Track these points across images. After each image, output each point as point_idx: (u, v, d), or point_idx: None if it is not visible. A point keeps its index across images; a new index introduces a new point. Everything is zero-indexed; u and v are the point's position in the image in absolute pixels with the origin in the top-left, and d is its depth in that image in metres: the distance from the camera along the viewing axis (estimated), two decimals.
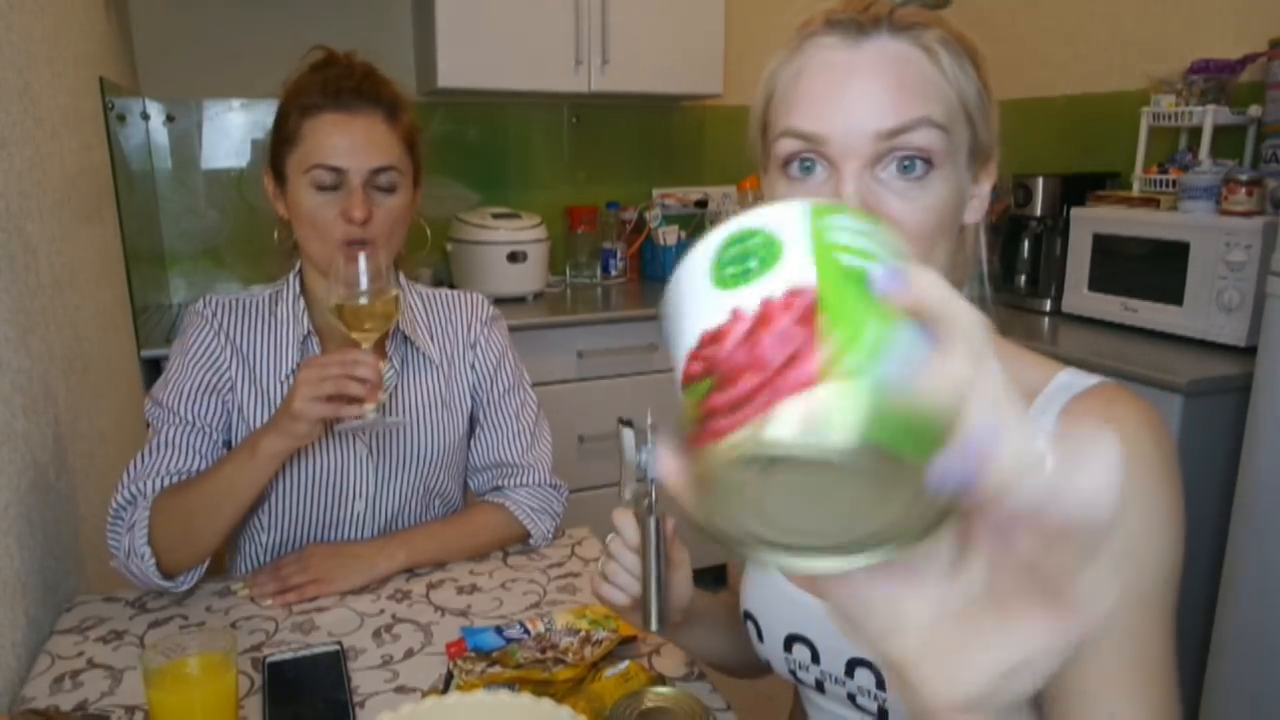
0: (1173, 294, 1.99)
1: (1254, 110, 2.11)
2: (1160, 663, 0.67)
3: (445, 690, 0.88)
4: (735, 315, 0.31)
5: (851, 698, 0.78)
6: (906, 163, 0.63)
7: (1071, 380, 0.69)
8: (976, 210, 0.71)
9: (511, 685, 0.84)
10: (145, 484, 1.05)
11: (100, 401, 1.48)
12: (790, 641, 0.81)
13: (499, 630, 0.95)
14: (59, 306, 1.28)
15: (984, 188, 0.71)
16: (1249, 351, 1.77)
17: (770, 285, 0.31)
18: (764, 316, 0.30)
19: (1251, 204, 1.88)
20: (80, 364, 1.37)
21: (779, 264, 0.32)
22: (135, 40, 2.42)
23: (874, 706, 0.77)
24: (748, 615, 0.85)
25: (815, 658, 0.80)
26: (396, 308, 1.05)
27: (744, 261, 0.32)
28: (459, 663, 0.89)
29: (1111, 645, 0.66)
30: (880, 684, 0.75)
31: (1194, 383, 1.72)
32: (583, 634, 0.93)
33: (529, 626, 0.96)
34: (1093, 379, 0.68)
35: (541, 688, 0.83)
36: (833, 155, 0.63)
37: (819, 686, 0.81)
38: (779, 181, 0.67)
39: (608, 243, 2.95)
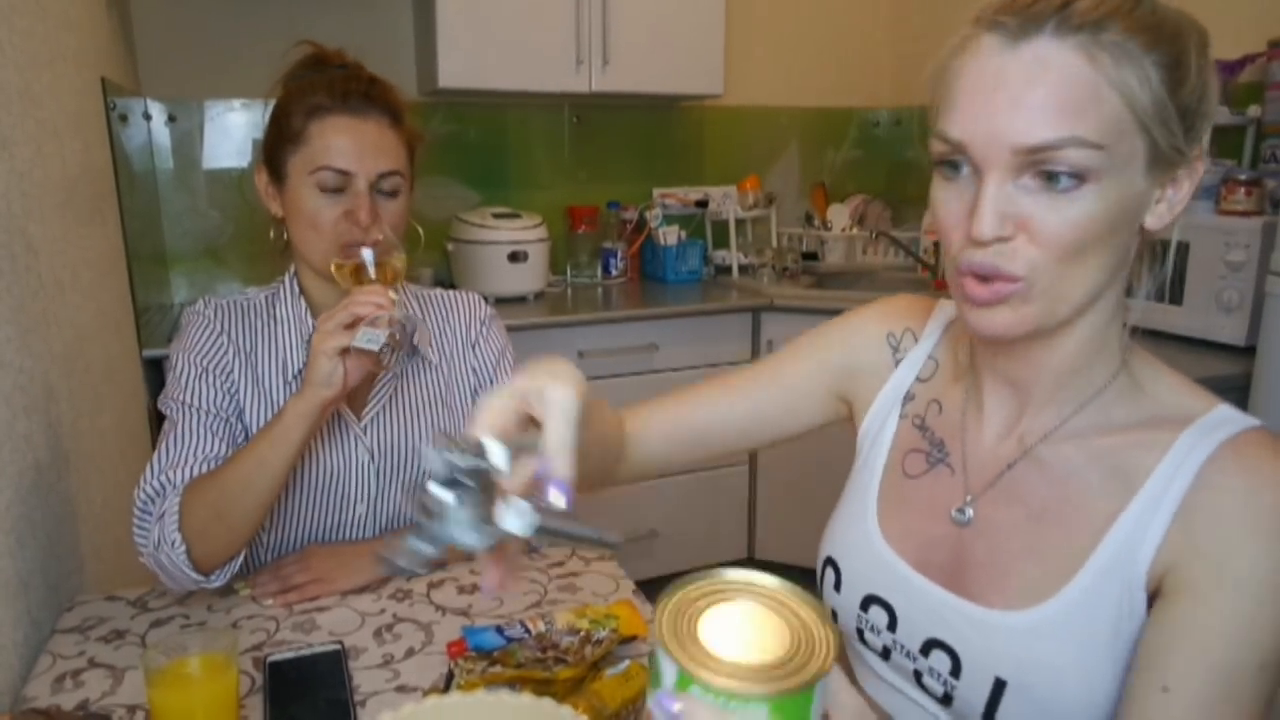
0: (1173, 294, 1.99)
1: (1253, 111, 2.11)
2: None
3: (446, 689, 0.88)
4: None
5: (918, 675, 0.77)
6: (1052, 175, 0.61)
7: (1232, 415, 0.68)
8: (1163, 215, 0.67)
9: (512, 685, 0.84)
10: (174, 473, 1.03)
11: (102, 401, 1.48)
12: (869, 602, 0.80)
13: (500, 630, 0.96)
14: (60, 306, 1.28)
15: (1179, 190, 0.66)
16: (1249, 351, 1.77)
17: None
18: None
19: (1251, 204, 1.89)
20: (82, 364, 1.37)
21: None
22: (137, 41, 2.43)
23: (940, 690, 0.75)
24: (829, 561, 0.84)
25: (892, 625, 0.78)
26: (399, 274, 1.06)
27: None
28: (460, 662, 0.89)
29: (1221, 705, 0.63)
30: (955, 670, 0.73)
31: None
32: (583, 634, 0.94)
33: (530, 626, 0.96)
34: (1252, 420, 0.68)
35: (542, 687, 0.83)
36: (975, 162, 0.64)
37: (885, 653, 0.80)
38: (935, 176, 0.68)
39: (608, 242, 2.95)
